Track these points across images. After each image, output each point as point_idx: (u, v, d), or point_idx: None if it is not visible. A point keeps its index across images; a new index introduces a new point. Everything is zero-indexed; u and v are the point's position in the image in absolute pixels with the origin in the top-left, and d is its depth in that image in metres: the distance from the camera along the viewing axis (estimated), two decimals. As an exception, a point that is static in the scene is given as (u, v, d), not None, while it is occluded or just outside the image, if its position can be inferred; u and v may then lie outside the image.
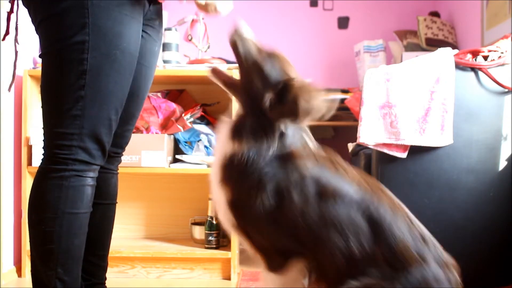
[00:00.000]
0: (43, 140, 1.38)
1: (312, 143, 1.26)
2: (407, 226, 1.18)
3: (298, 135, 1.23)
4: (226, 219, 1.25)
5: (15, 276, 2.32)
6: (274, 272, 1.21)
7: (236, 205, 1.21)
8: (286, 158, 1.18)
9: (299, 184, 1.15)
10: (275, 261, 1.21)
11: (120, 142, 1.57)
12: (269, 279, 1.23)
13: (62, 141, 1.32)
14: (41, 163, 1.38)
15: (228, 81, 1.32)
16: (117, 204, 1.65)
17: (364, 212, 1.15)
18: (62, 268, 1.33)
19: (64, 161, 1.32)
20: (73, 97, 1.31)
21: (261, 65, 1.23)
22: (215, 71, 1.33)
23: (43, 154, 1.38)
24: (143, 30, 1.48)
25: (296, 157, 1.19)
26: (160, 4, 1.55)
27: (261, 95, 1.19)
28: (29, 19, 1.40)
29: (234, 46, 1.30)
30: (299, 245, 1.17)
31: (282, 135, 1.19)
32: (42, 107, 1.39)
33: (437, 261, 1.18)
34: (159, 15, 1.55)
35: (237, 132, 1.21)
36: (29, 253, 2.27)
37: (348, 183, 1.19)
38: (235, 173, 1.20)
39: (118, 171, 1.64)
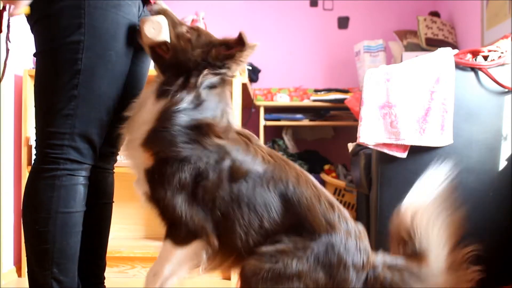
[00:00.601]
0: (35, 140, 1.39)
1: (230, 115, 1.35)
2: (313, 194, 1.24)
3: (219, 107, 1.31)
4: (140, 186, 1.31)
5: (15, 276, 2.32)
6: (177, 245, 1.27)
7: (153, 173, 1.26)
8: (206, 131, 1.26)
9: (216, 165, 1.23)
10: (182, 235, 1.26)
11: (115, 142, 1.57)
12: (169, 250, 1.28)
13: (54, 141, 1.32)
14: (34, 163, 1.38)
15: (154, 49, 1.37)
16: (117, 204, 1.65)
17: (273, 187, 1.24)
18: (57, 267, 1.33)
19: (56, 160, 1.32)
20: (65, 97, 1.31)
21: (186, 36, 1.34)
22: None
23: (35, 154, 1.38)
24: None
25: (215, 133, 1.27)
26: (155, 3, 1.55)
27: (190, 57, 1.31)
28: (24, 18, 1.39)
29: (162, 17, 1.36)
30: (208, 222, 1.23)
31: (199, 90, 1.28)
32: (35, 106, 1.39)
33: (347, 229, 1.23)
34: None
35: (161, 91, 1.30)
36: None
37: (258, 162, 1.27)
38: (159, 136, 1.26)
39: (115, 170, 1.64)
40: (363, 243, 1.23)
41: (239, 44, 1.31)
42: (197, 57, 1.31)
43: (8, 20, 1.45)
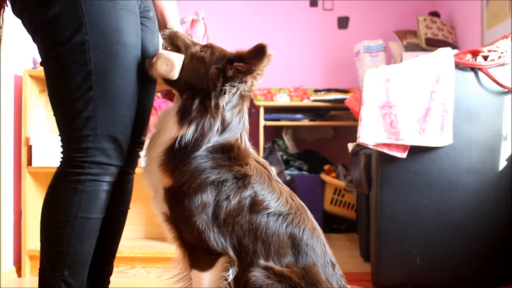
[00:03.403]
0: (61, 145, 1.37)
1: (247, 135, 1.35)
2: (321, 251, 1.28)
3: (239, 128, 1.32)
4: (159, 206, 1.30)
5: (15, 276, 2.32)
6: (202, 271, 1.27)
7: (175, 194, 1.26)
8: (230, 156, 1.27)
9: (238, 191, 1.24)
10: (203, 260, 1.26)
11: (137, 140, 1.52)
12: (198, 278, 1.28)
13: (78, 144, 1.31)
14: (59, 165, 1.36)
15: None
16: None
17: (289, 231, 1.25)
18: (68, 271, 1.32)
19: (81, 164, 1.31)
20: (82, 99, 1.29)
21: (200, 54, 1.33)
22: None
23: (61, 157, 1.37)
24: (141, 23, 1.46)
25: (239, 158, 1.27)
26: None
27: (206, 76, 1.29)
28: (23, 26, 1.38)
29: (172, 40, 1.36)
30: (227, 247, 1.24)
31: (223, 114, 1.28)
32: (54, 114, 1.37)
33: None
34: (151, 6, 1.53)
35: (184, 114, 1.28)
36: (29, 253, 2.27)
37: (281, 201, 1.28)
38: (179, 157, 1.25)
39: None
40: None
41: (256, 56, 1.25)
42: (213, 77, 1.28)
43: (2, 22, 1.44)
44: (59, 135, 1.38)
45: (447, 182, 1.97)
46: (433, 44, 3.47)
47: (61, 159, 1.37)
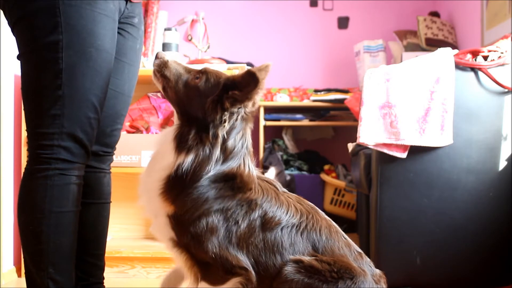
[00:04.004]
0: (27, 142, 1.38)
1: (251, 158, 1.30)
2: (345, 245, 1.27)
3: (242, 153, 1.26)
4: (163, 233, 1.26)
5: (15, 276, 2.32)
6: (213, 285, 1.24)
7: (179, 221, 1.22)
8: (234, 184, 1.23)
9: (246, 215, 1.22)
10: (217, 276, 1.23)
11: (109, 142, 1.57)
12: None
13: (44, 141, 1.32)
14: (26, 164, 1.38)
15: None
16: (117, 204, 1.65)
17: (306, 237, 1.25)
18: (53, 267, 1.33)
19: (47, 160, 1.32)
20: (51, 97, 1.31)
21: (194, 83, 1.26)
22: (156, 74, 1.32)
23: (27, 156, 1.38)
24: (123, 29, 1.50)
25: (243, 185, 1.24)
26: (140, 2, 1.55)
27: (201, 106, 1.23)
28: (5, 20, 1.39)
29: (160, 70, 1.29)
30: (245, 260, 1.22)
31: (224, 142, 1.22)
32: (23, 108, 1.39)
33: (372, 275, 1.26)
34: (137, 13, 1.56)
35: (180, 142, 1.22)
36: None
37: (291, 212, 1.27)
38: (179, 186, 1.21)
39: (114, 170, 1.65)
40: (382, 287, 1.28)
41: (250, 82, 1.19)
42: (210, 111, 1.21)
43: None
44: (26, 130, 1.39)
45: (447, 182, 1.97)
46: (433, 44, 3.47)
47: (27, 157, 1.38)
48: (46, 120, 1.32)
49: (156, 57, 1.30)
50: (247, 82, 1.19)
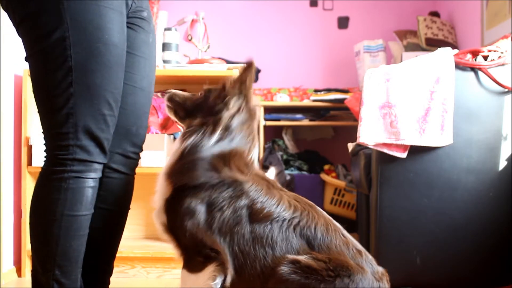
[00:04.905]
0: (44, 144, 1.38)
1: (256, 154, 1.37)
2: (343, 242, 1.25)
3: (248, 142, 1.34)
4: (159, 218, 1.31)
5: (15, 276, 2.32)
6: (191, 272, 1.27)
7: (170, 202, 1.28)
8: (227, 161, 1.27)
9: (231, 201, 1.24)
10: (195, 263, 1.26)
11: (136, 141, 1.54)
12: (185, 278, 1.29)
13: (59, 142, 1.31)
14: (43, 165, 1.36)
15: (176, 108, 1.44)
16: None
17: (299, 233, 1.24)
18: (59, 270, 1.32)
19: (63, 161, 1.31)
20: (63, 96, 1.29)
21: (198, 97, 1.40)
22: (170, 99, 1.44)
23: (45, 156, 1.37)
24: (133, 23, 1.48)
25: (236, 165, 1.27)
26: None
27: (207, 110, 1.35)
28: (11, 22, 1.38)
29: (171, 99, 1.44)
30: (225, 251, 1.23)
31: (227, 125, 1.30)
32: (37, 110, 1.38)
33: (373, 273, 1.24)
34: (145, 6, 1.54)
35: (186, 130, 1.34)
36: (29, 253, 2.27)
37: (284, 206, 1.27)
38: (180, 163, 1.29)
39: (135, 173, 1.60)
40: (384, 285, 1.25)
41: (244, 70, 1.36)
42: (212, 100, 1.34)
43: None
44: (42, 133, 1.38)
45: (447, 182, 1.97)
46: (433, 44, 3.47)
47: (44, 158, 1.37)
48: (59, 120, 1.30)
49: (166, 94, 1.43)
50: (243, 71, 1.36)
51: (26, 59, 1.36)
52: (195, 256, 1.26)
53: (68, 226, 1.32)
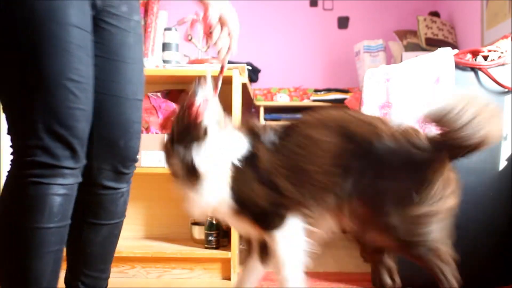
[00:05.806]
0: (10, 145, 1.17)
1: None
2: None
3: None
4: (227, 209, 1.32)
5: (15, 276, 2.32)
6: (276, 229, 1.27)
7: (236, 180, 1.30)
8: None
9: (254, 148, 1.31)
10: (273, 218, 1.27)
11: (126, 156, 1.34)
12: (274, 241, 1.28)
13: (20, 142, 1.12)
14: (8, 169, 1.17)
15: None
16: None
17: (338, 132, 1.31)
18: None
19: (23, 165, 1.11)
20: (17, 89, 1.10)
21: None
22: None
23: (10, 160, 1.17)
24: (105, 21, 1.25)
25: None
26: None
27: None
28: None
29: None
30: (285, 193, 1.26)
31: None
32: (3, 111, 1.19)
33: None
34: (125, 1, 1.29)
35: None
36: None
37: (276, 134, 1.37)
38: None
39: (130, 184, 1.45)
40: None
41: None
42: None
43: None
44: (7, 134, 1.18)
45: (447, 182, 1.96)
46: (433, 44, 3.47)
47: (10, 162, 1.16)
48: (19, 117, 1.11)
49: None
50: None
51: None
52: (271, 214, 1.28)
53: (26, 241, 1.09)
